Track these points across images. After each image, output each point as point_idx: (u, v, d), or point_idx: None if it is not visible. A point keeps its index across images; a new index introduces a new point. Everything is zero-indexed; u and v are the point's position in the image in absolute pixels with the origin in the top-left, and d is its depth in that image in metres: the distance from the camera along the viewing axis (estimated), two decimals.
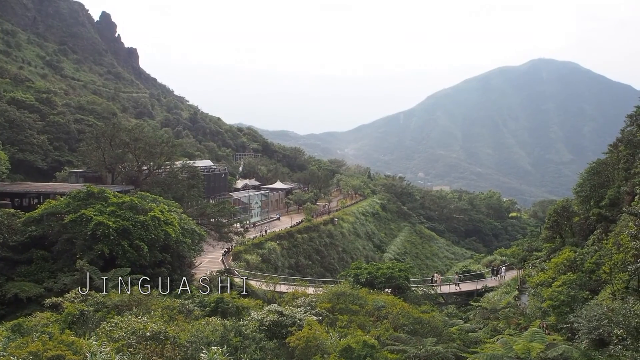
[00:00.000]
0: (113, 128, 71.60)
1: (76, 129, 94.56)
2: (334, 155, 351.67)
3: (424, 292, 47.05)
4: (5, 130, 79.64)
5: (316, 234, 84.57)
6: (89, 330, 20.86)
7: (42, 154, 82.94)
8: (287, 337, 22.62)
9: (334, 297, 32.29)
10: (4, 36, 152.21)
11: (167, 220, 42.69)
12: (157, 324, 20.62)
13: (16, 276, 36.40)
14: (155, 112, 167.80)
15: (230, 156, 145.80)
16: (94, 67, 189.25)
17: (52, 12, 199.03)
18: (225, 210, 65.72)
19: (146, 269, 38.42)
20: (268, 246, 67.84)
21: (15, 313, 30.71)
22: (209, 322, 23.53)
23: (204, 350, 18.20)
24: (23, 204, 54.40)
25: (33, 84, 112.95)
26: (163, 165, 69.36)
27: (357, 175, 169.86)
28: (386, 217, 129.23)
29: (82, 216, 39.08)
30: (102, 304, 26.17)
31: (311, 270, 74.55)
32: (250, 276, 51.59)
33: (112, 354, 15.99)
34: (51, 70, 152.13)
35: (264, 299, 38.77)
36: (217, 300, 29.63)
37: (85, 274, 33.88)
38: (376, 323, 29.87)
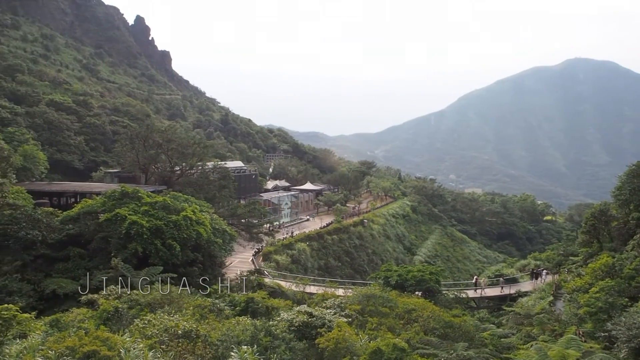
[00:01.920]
0: (147, 129, 72.91)
1: (111, 130, 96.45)
2: (364, 156, 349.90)
3: (455, 296, 46.52)
4: (45, 132, 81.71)
5: (346, 236, 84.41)
6: (122, 327, 21.24)
7: (79, 155, 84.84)
8: (316, 338, 22.60)
9: (363, 299, 32.16)
10: (43, 40, 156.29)
11: (198, 220, 43.17)
12: (188, 322, 20.87)
13: (54, 273, 37.30)
14: (188, 113, 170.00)
15: (260, 157, 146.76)
16: (129, 70, 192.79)
17: (88, 16, 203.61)
18: (256, 211, 66.18)
19: (178, 267, 38.93)
20: (298, 247, 68.03)
21: (53, 308, 31.44)
22: (239, 322, 23.65)
23: (235, 349, 18.33)
24: (61, 202, 55.69)
25: (70, 87, 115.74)
26: (195, 166, 70.21)
27: (387, 177, 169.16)
28: (417, 220, 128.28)
29: (117, 215, 39.83)
30: (136, 302, 26.59)
31: (341, 271, 74.45)
32: (280, 277, 51.84)
33: (145, 350, 16.27)
34: (88, 73, 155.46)
35: (293, 300, 38.86)
36: (247, 300, 29.78)
37: (120, 271, 34.56)
38: (406, 326, 29.62)
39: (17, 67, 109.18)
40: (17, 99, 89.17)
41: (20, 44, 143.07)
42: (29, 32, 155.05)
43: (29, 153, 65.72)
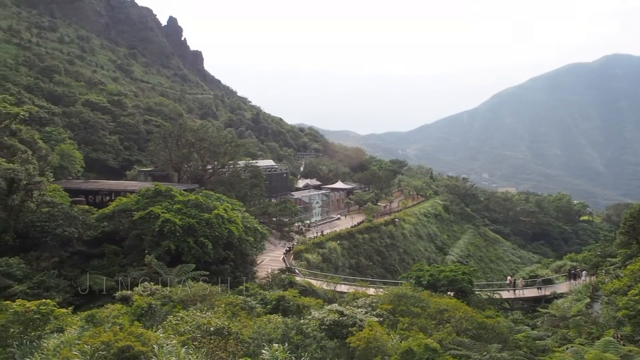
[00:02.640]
0: (179, 128, 73.81)
1: (145, 130, 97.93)
2: (395, 155, 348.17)
3: (488, 297, 45.85)
4: (81, 131, 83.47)
5: (377, 235, 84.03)
6: (156, 323, 21.48)
7: (114, 153, 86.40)
8: (347, 337, 22.51)
9: (395, 299, 31.92)
10: (79, 42, 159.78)
11: (230, 218, 43.50)
12: (220, 319, 20.99)
13: (90, 269, 38.05)
14: (219, 112, 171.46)
15: (291, 156, 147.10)
16: (162, 70, 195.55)
17: (123, 18, 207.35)
18: (287, 209, 66.43)
19: (210, 265, 39.31)
20: (329, 246, 67.99)
21: (88, 304, 32.05)
22: (270, 320, 23.71)
23: (266, 347, 18.37)
24: (96, 200, 56.75)
25: (105, 87, 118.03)
26: (227, 165, 70.76)
27: (419, 175, 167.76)
28: (449, 219, 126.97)
29: (151, 213, 40.43)
30: (169, 298, 26.90)
31: (372, 270, 74.13)
32: (310, 275, 51.88)
33: (178, 347, 16.41)
34: (122, 74, 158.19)
35: (324, 298, 38.85)
36: (279, 298, 29.87)
37: (154, 268, 35.05)
38: (438, 326, 29.29)
39: (55, 68, 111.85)
40: (54, 99, 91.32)
41: (58, 45, 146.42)
42: (65, 34, 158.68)
43: (65, 152, 67.22)
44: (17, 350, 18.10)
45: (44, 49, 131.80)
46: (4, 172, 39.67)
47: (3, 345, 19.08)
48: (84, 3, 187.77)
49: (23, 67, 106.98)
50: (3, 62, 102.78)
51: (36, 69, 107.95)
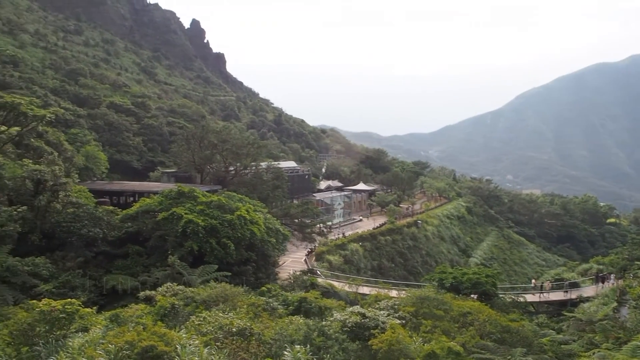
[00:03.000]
0: (202, 130, 74.33)
1: (168, 131, 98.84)
2: (417, 156, 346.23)
3: (513, 300, 45.22)
4: (105, 133, 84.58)
5: (399, 237, 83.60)
6: (179, 323, 21.62)
7: (137, 155, 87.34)
8: (369, 339, 22.36)
9: (417, 301, 31.67)
10: (104, 45, 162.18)
11: (252, 219, 43.64)
12: (242, 320, 21.04)
13: (114, 269, 38.52)
14: (242, 114, 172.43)
15: (313, 157, 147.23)
16: (185, 72, 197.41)
17: (146, 21, 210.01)
18: (309, 210, 66.40)
19: (232, 266, 39.48)
20: (351, 247, 67.80)
21: (112, 304, 32.42)
22: (292, 321, 23.69)
23: (288, 348, 18.34)
24: (120, 201, 57.37)
25: (129, 89, 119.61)
26: (249, 166, 71.04)
27: (441, 177, 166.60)
28: (472, 221, 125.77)
29: (174, 214, 40.77)
30: (191, 299, 27.06)
31: (394, 272, 73.74)
32: (332, 277, 51.75)
33: (200, 347, 16.47)
34: (146, 76, 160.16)
35: (346, 300, 38.71)
36: (301, 299, 29.84)
37: (176, 269, 35.31)
38: (461, 330, 28.97)
39: (80, 71, 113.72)
40: (79, 102, 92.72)
41: (83, 48, 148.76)
42: (91, 38, 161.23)
43: (90, 153, 68.18)
44: (43, 348, 18.35)
45: (70, 52, 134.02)
46: (30, 174, 40.34)
47: (30, 343, 19.36)
48: (108, 7, 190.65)
49: (49, 70, 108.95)
50: (30, 65, 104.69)
51: (62, 72, 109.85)
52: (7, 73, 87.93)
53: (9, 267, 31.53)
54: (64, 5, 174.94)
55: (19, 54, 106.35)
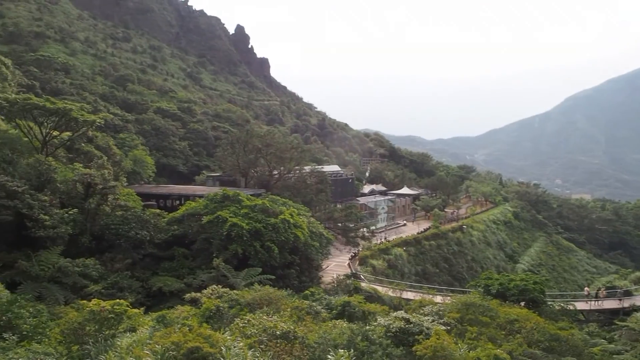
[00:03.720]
0: (246, 134, 75.11)
1: (213, 136, 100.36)
2: (462, 160, 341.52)
3: (562, 307, 43.89)
4: (152, 137, 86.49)
5: (444, 242, 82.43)
6: (223, 326, 21.77)
7: (183, 159, 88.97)
8: (413, 345, 22.03)
9: (463, 307, 31.11)
10: (151, 51, 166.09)
11: (296, 223, 43.78)
12: (286, 323, 21.02)
13: (160, 271, 39.27)
14: (285, 118, 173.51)
15: (357, 161, 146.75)
16: (229, 77, 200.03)
17: (192, 27, 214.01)
18: (352, 215, 66.17)
19: (276, 269, 39.66)
20: (394, 252, 67.21)
21: (159, 305, 33.02)
22: (335, 325, 23.56)
23: (331, 352, 18.21)
24: (166, 204, 58.42)
25: (176, 95, 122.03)
26: (292, 170, 71.37)
27: (487, 181, 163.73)
28: (519, 226, 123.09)
29: (218, 217, 41.28)
30: (236, 301, 27.25)
31: (438, 278, 72.70)
32: (376, 281, 51.39)
33: (244, 349, 16.53)
34: (191, 81, 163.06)
35: (390, 305, 38.36)
36: (344, 303, 29.69)
37: (221, 271, 35.69)
38: (508, 337, 28.29)
39: (128, 77, 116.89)
40: (127, 107, 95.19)
41: (131, 55, 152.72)
42: (138, 44, 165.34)
43: (138, 157, 69.81)
44: (93, 347, 18.77)
45: (118, 59, 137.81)
46: (81, 177, 41.52)
47: (80, 342, 19.83)
48: (155, 14, 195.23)
49: (99, 76, 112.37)
50: (81, 72, 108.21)
51: (111, 78, 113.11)
52: (59, 80, 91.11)
53: (60, 268, 32.49)
54: (113, 13, 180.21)
55: (70, 61, 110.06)
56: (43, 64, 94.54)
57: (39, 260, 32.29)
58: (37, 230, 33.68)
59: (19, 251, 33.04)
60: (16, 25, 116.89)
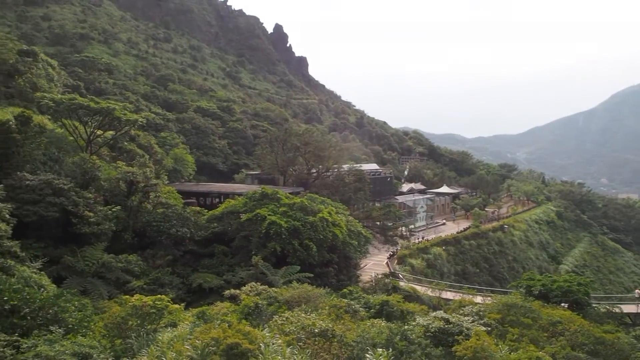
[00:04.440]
0: (285, 133, 75.48)
1: (252, 134, 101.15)
2: (504, 159, 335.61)
3: (607, 310, 42.60)
4: (192, 136, 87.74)
5: (484, 241, 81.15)
6: (262, 322, 21.92)
7: (223, 157, 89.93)
8: (453, 345, 21.75)
9: (503, 308, 30.54)
10: (191, 51, 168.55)
11: (334, 221, 43.76)
12: (324, 321, 21.03)
13: (200, 268, 39.87)
14: (324, 117, 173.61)
15: (395, 160, 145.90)
16: (268, 76, 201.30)
17: (231, 27, 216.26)
18: (391, 213, 65.81)
19: (314, 267, 39.74)
20: (434, 251, 66.49)
21: (199, 301, 33.49)
22: (374, 324, 23.46)
23: (370, 351, 18.14)
24: (206, 202, 59.21)
25: (215, 94, 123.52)
26: (331, 169, 71.41)
27: (529, 180, 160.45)
28: (562, 226, 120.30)
29: (257, 215, 41.61)
30: (274, 299, 27.42)
31: (478, 278, 71.62)
32: (414, 281, 50.91)
33: (283, 346, 16.60)
34: (230, 80, 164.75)
35: (429, 305, 37.96)
36: (382, 302, 29.55)
37: (260, 269, 35.97)
38: (551, 339, 27.65)
39: (169, 77, 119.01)
40: (168, 106, 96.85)
41: (172, 55, 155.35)
42: (179, 44, 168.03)
43: (179, 156, 70.95)
44: (135, 341, 19.16)
45: (160, 59, 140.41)
46: (124, 175, 42.46)
47: (123, 336, 20.27)
48: (195, 15, 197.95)
49: (141, 76, 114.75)
50: (123, 72, 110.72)
51: (152, 78, 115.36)
52: (102, 80, 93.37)
53: (104, 264, 33.31)
54: (154, 15, 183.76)
55: (113, 61, 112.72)
56: (87, 65, 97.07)
57: (84, 256, 33.17)
58: (82, 226, 34.57)
59: (65, 247, 34.00)
60: (62, 28, 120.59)
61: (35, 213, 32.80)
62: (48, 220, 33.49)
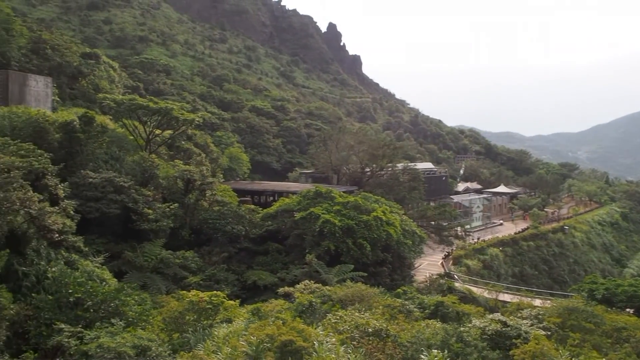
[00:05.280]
0: (339, 132, 75.64)
1: (306, 133, 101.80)
2: (564, 158, 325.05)
3: None
4: (247, 135, 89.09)
5: (544, 243, 78.85)
6: (316, 321, 21.96)
7: (277, 156, 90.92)
8: (510, 349, 21.20)
9: (564, 312, 29.58)
10: (246, 51, 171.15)
11: (388, 221, 43.42)
12: (378, 321, 20.88)
13: (255, 265, 40.38)
14: (377, 115, 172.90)
15: (451, 159, 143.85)
16: (322, 75, 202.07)
17: (285, 27, 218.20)
18: (446, 213, 64.74)
19: (368, 267, 39.57)
20: (490, 252, 65.11)
21: (253, 298, 33.97)
22: (429, 325, 23.14)
23: (424, 352, 17.87)
24: (261, 200, 59.88)
25: (269, 93, 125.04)
26: (385, 167, 71.00)
27: (592, 180, 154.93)
28: (628, 228, 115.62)
29: (311, 214, 41.77)
30: (328, 297, 27.43)
31: (537, 281, 69.66)
32: (470, 282, 50.00)
33: (337, 345, 16.55)
34: (285, 80, 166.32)
35: (485, 307, 37.17)
36: (437, 303, 29.13)
37: (314, 267, 36.10)
38: (614, 346, 26.55)
39: (224, 77, 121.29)
40: (224, 106, 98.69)
41: (227, 55, 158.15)
42: (234, 45, 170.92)
43: (234, 155, 72.18)
44: (192, 336, 19.57)
45: (215, 60, 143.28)
46: (181, 173, 43.49)
47: (180, 330, 20.75)
48: (250, 15, 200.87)
49: (197, 77, 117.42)
50: (180, 73, 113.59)
51: (208, 78, 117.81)
52: (160, 81, 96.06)
53: (162, 259, 34.21)
54: (210, 16, 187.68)
55: (171, 63, 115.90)
56: (146, 66, 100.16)
57: (143, 252, 34.16)
58: (141, 223, 35.61)
59: (125, 243, 35.11)
60: (122, 31, 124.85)
61: (98, 210, 33.98)
62: (110, 216, 34.63)
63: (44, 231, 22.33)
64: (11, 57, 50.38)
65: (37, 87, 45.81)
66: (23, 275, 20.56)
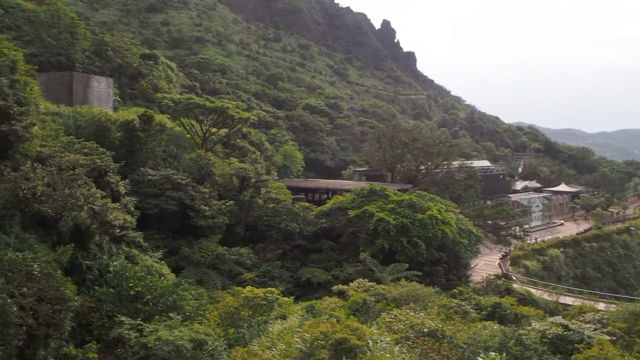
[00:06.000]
0: (393, 129, 74.95)
1: (360, 131, 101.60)
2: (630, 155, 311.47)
3: None
4: (301, 133, 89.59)
5: (607, 244, 75.94)
6: (370, 319, 21.84)
7: (330, 154, 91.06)
8: (572, 354, 20.50)
9: (630, 317, 28.37)
10: (300, 50, 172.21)
11: (444, 219, 42.74)
12: (434, 321, 20.60)
13: (309, 262, 40.52)
14: (432, 113, 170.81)
15: (508, 156, 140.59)
16: (375, 73, 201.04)
17: (339, 24, 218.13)
18: (504, 212, 63.13)
19: (423, 266, 39.06)
20: (550, 253, 63.24)
21: (307, 295, 34.08)
22: (486, 326, 22.68)
23: (482, 354, 17.48)
24: (315, 198, 60.14)
25: (323, 91, 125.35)
26: (440, 165, 69.99)
27: None
28: None
29: (365, 212, 41.57)
30: (382, 296, 27.24)
31: (600, 283, 67.16)
32: (529, 283, 48.72)
33: (392, 344, 16.38)
34: (338, 78, 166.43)
35: (545, 309, 36.07)
36: (495, 304, 28.54)
37: (368, 265, 35.92)
38: None
39: (278, 75, 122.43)
40: (278, 104, 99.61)
41: (281, 54, 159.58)
42: (288, 44, 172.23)
43: (288, 152, 72.72)
44: (247, 331, 19.78)
45: (269, 59, 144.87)
46: (236, 171, 44.10)
47: (235, 325, 21.00)
48: (304, 14, 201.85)
49: (252, 75, 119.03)
50: (236, 72, 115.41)
51: (263, 77, 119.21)
52: (216, 80, 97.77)
53: (218, 255, 34.80)
54: (265, 15, 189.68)
55: (227, 62, 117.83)
56: (202, 66, 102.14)
57: (200, 248, 34.83)
58: (198, 219, 36.28)
59: (183, 239, 35.89)
60: (179, 32, 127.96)
61: (157, 206, 34.83)
62: (168, 213, 35.44)
63: (106, 226, 23.02)
64: (75, 59, 52.25)
65: (99, 88, 47.39)
66: (87, 269, 21.24)
